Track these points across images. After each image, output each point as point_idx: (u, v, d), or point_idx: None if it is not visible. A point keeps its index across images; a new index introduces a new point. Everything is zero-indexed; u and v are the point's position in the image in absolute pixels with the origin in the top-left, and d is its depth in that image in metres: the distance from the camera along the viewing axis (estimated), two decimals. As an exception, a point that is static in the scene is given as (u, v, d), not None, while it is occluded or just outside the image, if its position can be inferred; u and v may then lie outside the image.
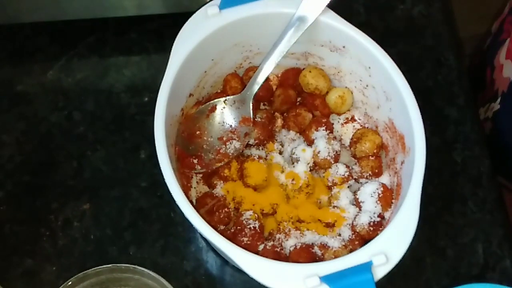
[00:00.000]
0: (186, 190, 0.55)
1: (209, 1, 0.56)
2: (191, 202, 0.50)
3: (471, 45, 0.88)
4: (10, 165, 0.63)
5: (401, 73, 0.54)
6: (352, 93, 0.60)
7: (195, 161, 0.57)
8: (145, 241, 0.60)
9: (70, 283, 0.54)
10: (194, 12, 0.56)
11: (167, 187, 0.49)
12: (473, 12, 0.95)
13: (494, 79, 0.72)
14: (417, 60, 0.69)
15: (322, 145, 0.57)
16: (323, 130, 0.58)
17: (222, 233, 0.50)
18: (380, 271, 0.47)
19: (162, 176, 0.50)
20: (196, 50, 0.55)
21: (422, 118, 0.53)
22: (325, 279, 0.47)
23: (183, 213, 0.49)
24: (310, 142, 0.59)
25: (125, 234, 0.60)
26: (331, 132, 0.59)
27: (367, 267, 0.47)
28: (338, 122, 0.61)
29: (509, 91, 0.69)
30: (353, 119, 0.61)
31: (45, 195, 0.62)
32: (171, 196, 0.49)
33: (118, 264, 0.54)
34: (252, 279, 0.47)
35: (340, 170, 0.57)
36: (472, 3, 1.05)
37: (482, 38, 0.82)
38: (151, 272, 0.54)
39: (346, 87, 0.61)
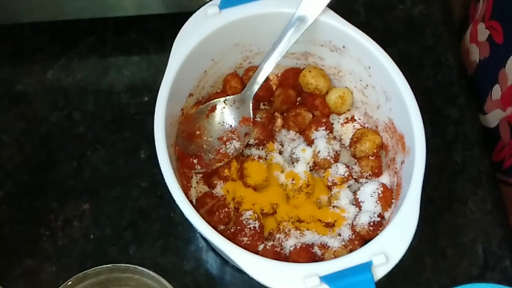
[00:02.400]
0: (186, 190, 0.55)
1: (209, 1, 0.56)
2: (191, 202, 0.50)
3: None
4: (10, 165, 0.63)
5: (401, 73, 0.54)
6: (352, 93, 0.60)
7: (195, 161, 0.57)
8: (145, 241, 0.60)
9: (70, 283, 0.54)
10: (194, 12, 0.56)
11: (167, 187, 0.49)
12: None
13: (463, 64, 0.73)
14: (417, 60, 0.69)
15: (322, 145, 0.57)
16: (323, 130, 0.58)
17: (222, 233, 0.50)
18: (380, 271, 0.47)
19: (162, 176, 0.50)
20: (196, 50, 0.55)
21: (422, 118, 0.53)
22: (325, 279, 0.47)
23: (183, 213, 0.49)
24: (310, 142, 0.59)
25: (125, 234, 0.60)
26: (331, 132, 0.59)
27: (367, 267, 0.47)
28: (338, 122, 0.61)
29: (476, 73, 0.69)
30: (353, 119, 0.61)
31: (45, 195, 0.62)
32: (171, 196, 0.49)
33: (118, 264, 0.54)
34: (252, 279, 0.47)
35: (340, 170, 0.57)
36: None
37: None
38: (151, 272, 0.54)
39: (346, 87, 0.60)
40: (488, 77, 0.66)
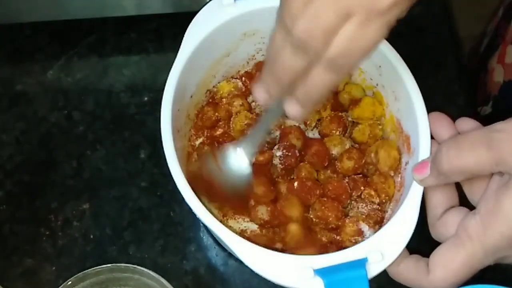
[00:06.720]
0: None
1: (209, 1, 0.56)
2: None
3: (469, 45, 0.88)
4: (10, 165, 0.63)
5: (411, 74, 0.54)
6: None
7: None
8: (144, 241, 0.60)
9: (70, 283, 0.54)
10: (195, 12, 0.55)
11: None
12: (473, 12, 0.95)
13: (486, 82, 0.73)
14: (417, 60, 0.69)
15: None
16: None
17: None
18: (375, 269, 0.47)
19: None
20: (208, 38, 0.54)
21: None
22: (319, 272, 0.46)
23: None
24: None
25: (125, 234, 0.60)
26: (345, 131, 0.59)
27: (361, 263, 0.47)
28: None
29: (500, 95, 0.69)
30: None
31: (45, 195, 0.62)
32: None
33: (117, 264, 0.54)
34: (251, 278, 0.48)
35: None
36: (472, 3, 1.05)
37: (479, 39, 0.82)
38: (150, 272, 0.54)
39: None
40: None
